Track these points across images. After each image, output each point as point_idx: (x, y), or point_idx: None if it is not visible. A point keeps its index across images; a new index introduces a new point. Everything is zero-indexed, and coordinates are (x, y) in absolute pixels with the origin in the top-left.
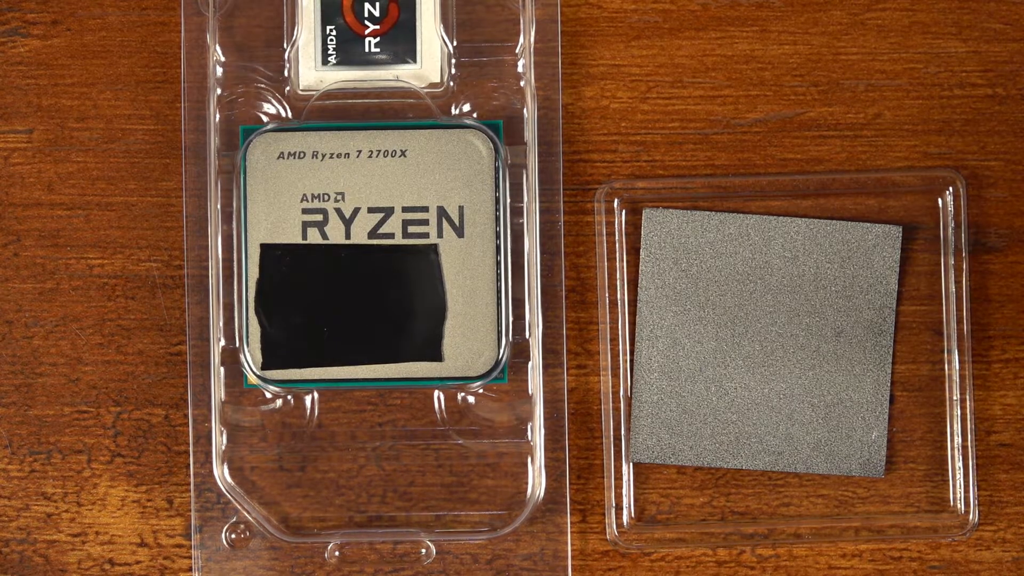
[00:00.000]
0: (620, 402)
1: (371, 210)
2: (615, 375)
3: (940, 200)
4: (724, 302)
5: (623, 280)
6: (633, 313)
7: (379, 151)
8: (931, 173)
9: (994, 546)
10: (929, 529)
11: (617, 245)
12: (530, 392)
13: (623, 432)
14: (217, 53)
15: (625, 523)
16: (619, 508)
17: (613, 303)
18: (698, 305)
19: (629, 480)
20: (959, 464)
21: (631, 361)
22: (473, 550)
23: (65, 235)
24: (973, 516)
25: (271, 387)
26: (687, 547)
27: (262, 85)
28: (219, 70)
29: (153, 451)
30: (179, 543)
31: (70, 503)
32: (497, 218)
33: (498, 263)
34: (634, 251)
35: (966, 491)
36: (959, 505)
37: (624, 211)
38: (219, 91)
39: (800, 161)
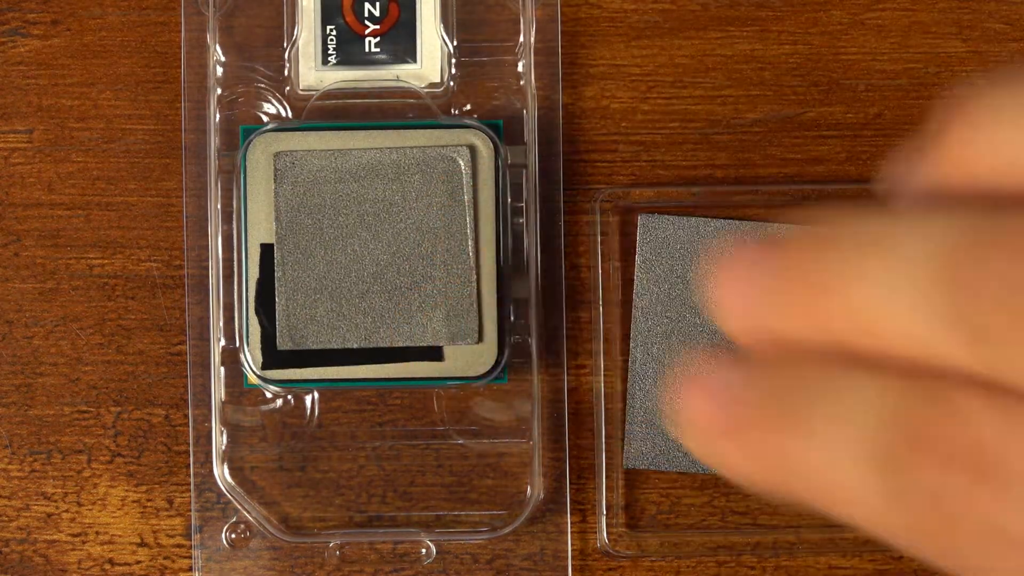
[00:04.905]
0: (614, 408)
1: None
2: (608, 381)
3: None
4: None
5: (618, 285)
6: (628, 317)
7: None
8: None
9: None
10: None
11: (612, 251)
12: (530, 392)
13: (617, 436)
14: (217, 53)
15: (616, 529)
16: (610, 512)
17: (608, 308)
18: (693, 311)
19: (619, 486)
20: None
21: (625, 367)
22: (473, 550)
23: (65, 235)
24: None
25: (271, 387)
26: (682, 559)
27: (262, 85)
28: (219, 70)
29: (153, 451)
30: (179, 543)
31: (70, 503)
32: (497, 218)
33: (498, 263)
34: (630, 256)
35: None
36: None
37: (619, 216)
38: (219, 91)
39: (800, 161)
